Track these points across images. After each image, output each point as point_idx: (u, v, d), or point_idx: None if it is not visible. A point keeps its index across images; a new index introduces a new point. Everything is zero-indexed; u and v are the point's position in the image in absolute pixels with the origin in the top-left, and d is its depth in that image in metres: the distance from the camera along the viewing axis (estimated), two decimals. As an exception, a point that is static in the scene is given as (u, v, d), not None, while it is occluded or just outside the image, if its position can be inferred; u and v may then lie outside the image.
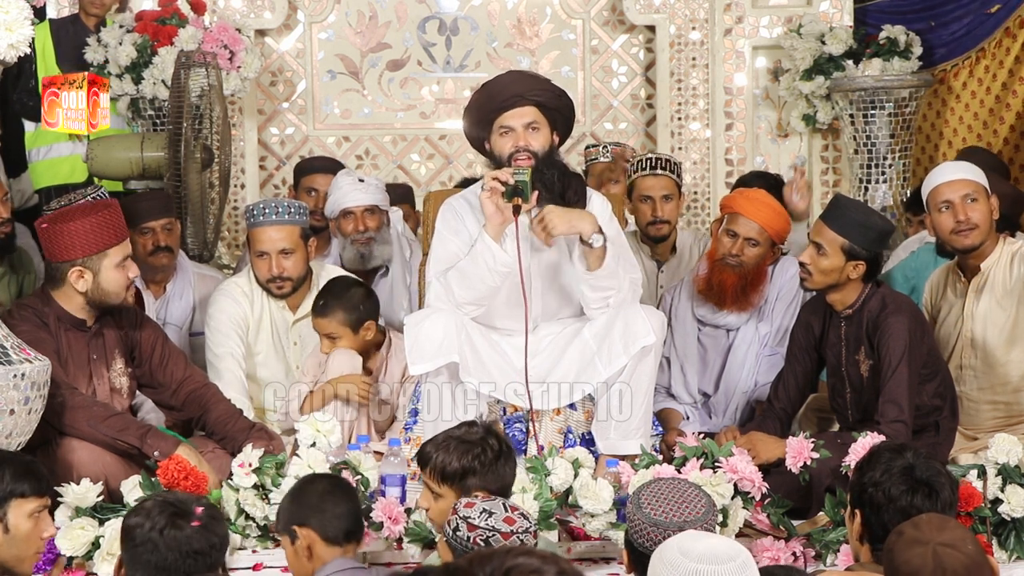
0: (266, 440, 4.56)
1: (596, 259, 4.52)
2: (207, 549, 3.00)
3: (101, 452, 4.35)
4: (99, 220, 4.47)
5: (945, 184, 4.95)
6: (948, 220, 4.93)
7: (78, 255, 4.47)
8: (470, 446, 3.66)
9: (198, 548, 2.99)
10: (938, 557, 2.86)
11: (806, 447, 4.26)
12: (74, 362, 4.54)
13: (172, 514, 3.02)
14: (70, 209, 4.60)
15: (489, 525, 3.21)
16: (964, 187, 4.93)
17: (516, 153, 4.60)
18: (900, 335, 4.59)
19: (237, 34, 6.89)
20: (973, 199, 4.91)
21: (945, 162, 5.42)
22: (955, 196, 4.92)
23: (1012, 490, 4.14)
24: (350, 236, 5.75)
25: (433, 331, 4.50)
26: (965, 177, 4.95)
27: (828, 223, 4.68)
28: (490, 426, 3.80)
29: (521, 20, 7.69)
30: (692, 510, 3.11)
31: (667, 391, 5.34)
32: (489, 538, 3.19)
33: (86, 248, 4.46)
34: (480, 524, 3.22)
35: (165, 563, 2.98)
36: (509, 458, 3.70)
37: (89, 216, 4.48)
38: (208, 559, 3.00)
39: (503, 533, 3.20)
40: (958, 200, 4.91)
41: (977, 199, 4.92)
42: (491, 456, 3.65)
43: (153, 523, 3.01)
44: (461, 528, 3.22)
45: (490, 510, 3.25)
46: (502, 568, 2.09)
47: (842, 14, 7.39)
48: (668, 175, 5.78)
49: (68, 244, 4.46)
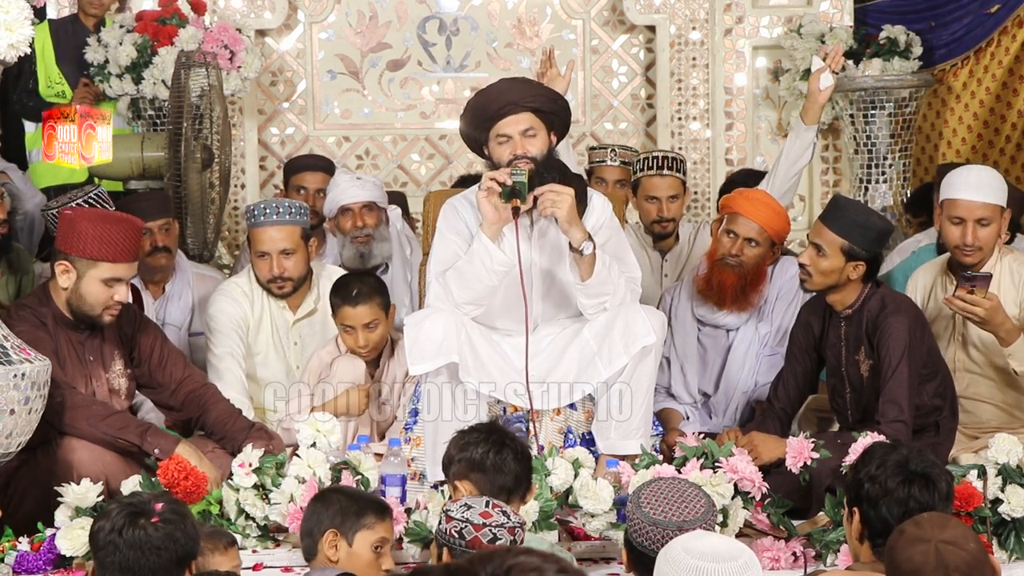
0: (266, 440, 4.56)
1: (587, 267, 4.50)
2: (168, 544, 3.02)
3: (101, 452, 4.35)
4: (109, 232, 4.46)
5: (964, 202, 4.88)
6: (956, 235, 4.90)
7: (72, 251, 4.47)
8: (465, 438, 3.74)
9: (157, 544, 3.02)
10: (940, 555, 2.86)
11: (806, 447, 4.26)
12: (72, 363, 4.53)
13: (130, 513, 3.06)
14: (102, 212, 4.55)
15: (464, 517, 3.27)
16: (981, 211, 4.86)
17: (515, 160, 4.60)
18: (900, 335, 4.59)
19: (237, 34, 6.89)
20: (986, 224, 4.88)
21: (972, 167, 5.24)
22: (970, 217, 4.87)
23: (1012, 490, 4.14)
24: (349, 234, 5.74)
25: (433, 331, 4.50)
26: (986, 201, 4.87)
27: (827, 224, 4.67)
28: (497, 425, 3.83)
29: (521, 20, 7.69)
30: (692, 510, 3.12)
31: (667, 391, 5.34)
32: (462, 530, 3.26)
33: (82, 249, 4.45)
34: (456, 516, 3.29)
35: (127, 562, 3.02)
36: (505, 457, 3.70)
37: (105, 225, 4.48)
38: (170, 554, 3.02)
39: (475, 525, 3.25)
40: (971, 222, 4.87)
41: (990, 223, 4.88)
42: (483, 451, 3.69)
43: (113, 524, 3.05)
44: (442, 521, 3.32)
45: (470, 504, 3.32)
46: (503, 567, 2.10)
47: (842, 14, 7.39)
48: (675, 175, 5.82)
49: (72, 237, 4.47)
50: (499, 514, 3.30)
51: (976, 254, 4.89)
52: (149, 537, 3.02)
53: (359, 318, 4.99)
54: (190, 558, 3.10)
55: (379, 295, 5.04)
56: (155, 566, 3.02)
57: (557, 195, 4.44)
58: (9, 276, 5.81)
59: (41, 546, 4.08)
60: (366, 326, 4.99)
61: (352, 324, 5.00)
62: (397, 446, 4.36)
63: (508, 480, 3.69)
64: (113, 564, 3.03)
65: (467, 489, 3.66)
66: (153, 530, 3.02)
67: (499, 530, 3.26)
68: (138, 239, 4.60)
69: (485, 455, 3.69)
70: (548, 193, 4.44)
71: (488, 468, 3.68)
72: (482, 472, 3.68)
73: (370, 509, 3.50)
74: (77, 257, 4.46)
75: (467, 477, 3.70)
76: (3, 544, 4.13)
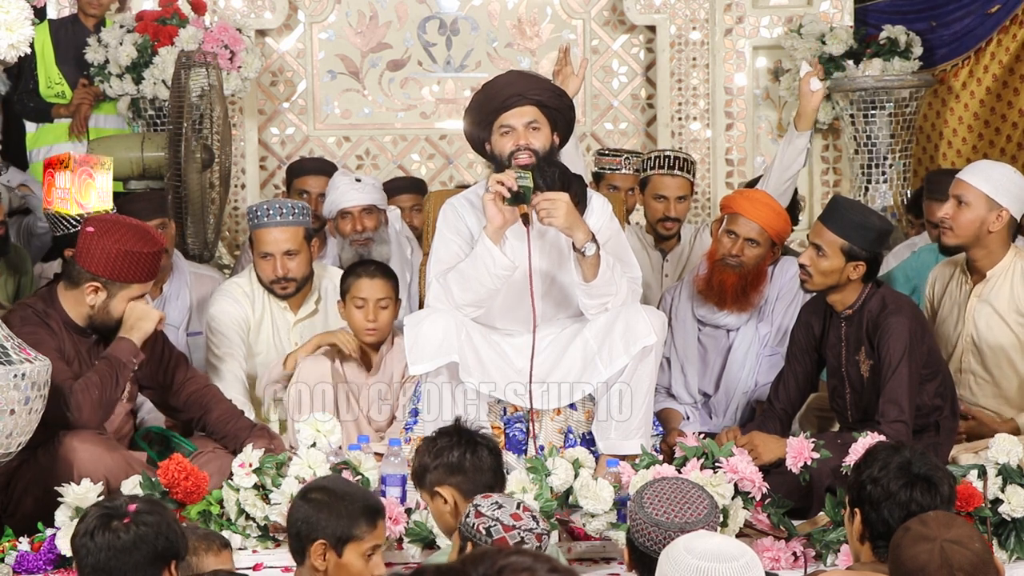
0: (267, 439, 4.56)
1: (590, 267, 4.51)
2: (139, 545, 3.02)
3: (101, 452, 4.34)
4: (141, 256, 4.45)
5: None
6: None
7: (104, 273, 4.44)
8: (427, 443, 3.71)
9: (128, 545, 3.02)
10: (945, 554, 2.86)
11: (806, 447, 4.26)
12: (78, 364, 4.52)
13: (103, 515, 3.07)
14: (120, 226, 4.53)
15: (494, 516, 3.25)
16: (959, 188, 4.94)
17: (517, 152, 4.60)
18: (900, 335, 4.59)
19: (237, 34, 6.89)
20: (964, 203, 4.91)
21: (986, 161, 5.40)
22: (952, 191, 4.97)
23: (1012, 490, 4.14)
24: (348, 236, 5.75)
25: (433, 331, 4.50)
26: (968, 181, 4.95)
27: (827, 224, 4.67)
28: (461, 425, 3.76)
29: (521, 20, 7.69)
30: (694, 511, 3.11)
31: (667, 391, 5.34)
32: (490, 527, 3.24)
33: (116, 273, 4.44)
34: (486, 513, 3.26)
35: (99, 564, 3.04)
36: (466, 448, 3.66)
37: (136, 246, 4.45)
38: (142, 554, 3.02)
39: (505, 526, 3.24)
40: (950, 198, 4.96)
41: (967, 205, 4.91)
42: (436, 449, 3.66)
43: (86, 527, 3.07)
44: (471, 514, 3.29)
45: (501, 503, 3.29)
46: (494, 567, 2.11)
47: (842, 14, 7.39)
48: (684, 176, 5.88)
49: (102, 259, 4.43)
50: (529, 518, 3.28)
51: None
52: (119, 539, 3.03)
53: (374, 291, 5.03)
54: (170, 557, 3.08)
55: (393, 279, 5.12)
56: (127, 567, 3.03)
57: (551, 203, 4.44)
58: (8, 276, 5.81)
59: (41, 546, 4.08)
60: (379, 302, 5.02)
61: (366, 297, 5.02)
62: (397, 446, 4.36)
63: (488, 477, 3.65)
64: (87, 567, 3.06)
65: (450, 494, 3.62)
66: (124, 532, 3.03)
67: (527, 534, 3.25)
68: (158, 259, 4.60)
69: (463, 457, 3.64)
70: (542, 202, 4.44)
71: (468, 469, 3.64)
72: (463, 474, 3.63)
73: (361, 518, 3.37)
74: (110, 280, 4.44)
75: (447, 482, 3.64)
76: (3, 544, 4.13)
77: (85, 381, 4.36)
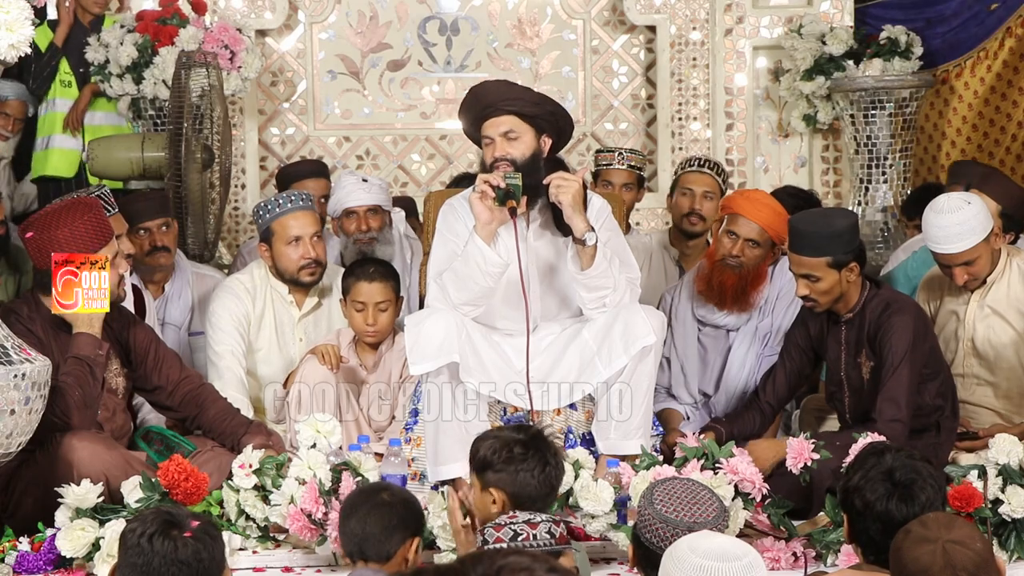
0: (264, 436, 4.56)
1: (588, 257, 4.53)
2: (193, 561, 3.01)
3: (101, 452, 4.34)
4: (84, 224, 4.42)
5: (944, 256, 4.89)
6: (949, 275, 4.96)
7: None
8: (500, 442, 3.60)
9: (183, 558, 3.01)
10: (947, 554, 2.86)
11: (807, 448, 4.26)
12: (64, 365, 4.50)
13: (165, 522, 3.05)
14: (52, 215, 4.50)
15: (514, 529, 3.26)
16: (963, 257, 4.87)
17: (496, 163, 4.62)
18: (904, 333, 4.59)
19: (238, 34, 6.89)
20: (970, 262, 4.88)
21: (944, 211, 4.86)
22: (955, 263, 4.88)
23: (1012, 491, 4.14)
24: (352, 236, 5.75)
25: (433, 331, 4.50)
26: (963, 248, 4.85)
27: (802, 253, 4.64)
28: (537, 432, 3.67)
29: (522, 20, 7.69)
30: (703, 512, 3.12)
31: (667, 391, 5.34)
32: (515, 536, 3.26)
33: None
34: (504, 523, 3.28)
35: (150, 568, 3.01)
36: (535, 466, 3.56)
37: (73, 221, 4.42)
38: (191, 571, 3.02)
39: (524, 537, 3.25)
40: (958, 269, 4.89)
41: (977, 259, 4.88)
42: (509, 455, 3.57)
43: (145, 528, 3.05)
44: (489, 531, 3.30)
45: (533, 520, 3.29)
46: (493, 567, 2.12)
47: (843, 14, 7.40)
48: (714, 176, 5.90)
49: (56, 250, 4.40)
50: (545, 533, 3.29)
51: (973, 282, 4.94)
52: (177, 550, 3.02)
53: (373, 295, 5.03)
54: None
55: (394, 279, 5.12)
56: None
57: (565, 181, 4.51)
58: (9, 276, 5.81)
59: (41, 546, 4.08)
60: (378, 305, 5.03)
61: (365, 301, 5.03)
62: (397, 446, 4.36)
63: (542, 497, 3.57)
64: (135, 566, 3.03)
65: (501, 498, 3.53)
66: (182, 544, 3.02)
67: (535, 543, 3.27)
68: (103, 213, 4.55)
69: (529, 476, 3.54)
70: (557, 179, 4.51)
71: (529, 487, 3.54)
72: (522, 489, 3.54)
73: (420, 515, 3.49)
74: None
75: (503, 488, 3.54)
76: (3, 544, 4.13)
77: (62, 386, 4.35)
